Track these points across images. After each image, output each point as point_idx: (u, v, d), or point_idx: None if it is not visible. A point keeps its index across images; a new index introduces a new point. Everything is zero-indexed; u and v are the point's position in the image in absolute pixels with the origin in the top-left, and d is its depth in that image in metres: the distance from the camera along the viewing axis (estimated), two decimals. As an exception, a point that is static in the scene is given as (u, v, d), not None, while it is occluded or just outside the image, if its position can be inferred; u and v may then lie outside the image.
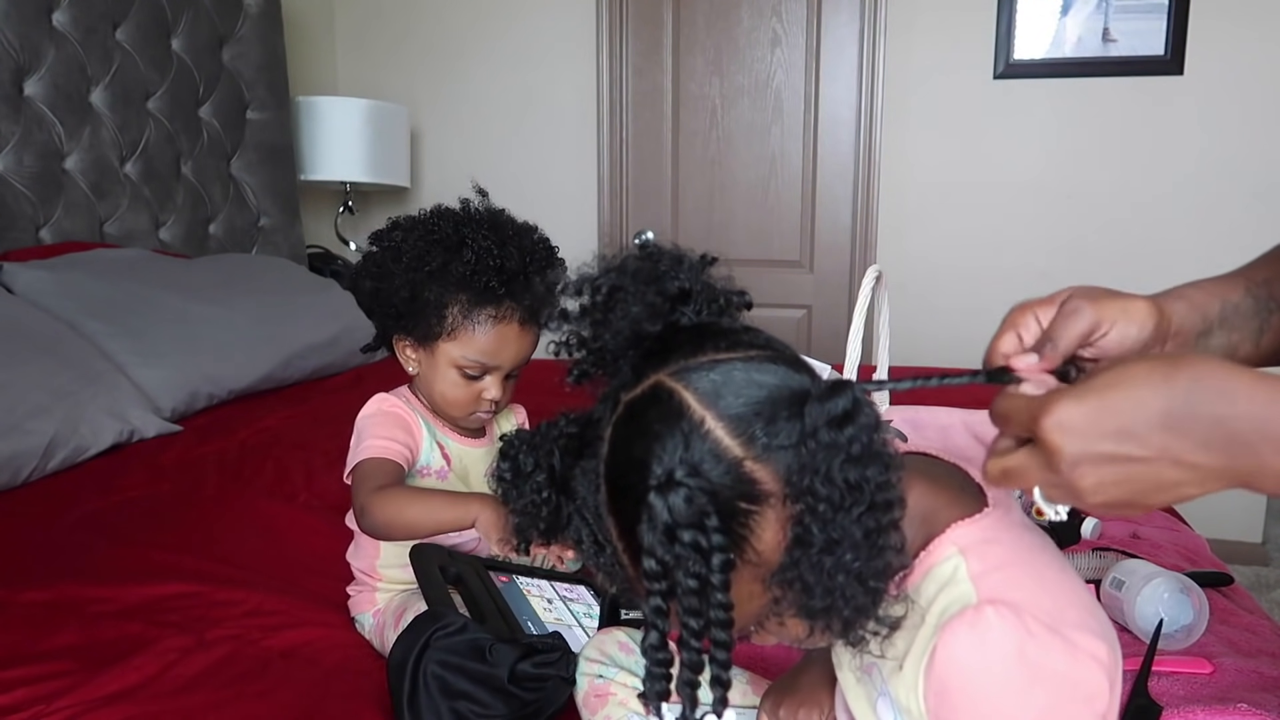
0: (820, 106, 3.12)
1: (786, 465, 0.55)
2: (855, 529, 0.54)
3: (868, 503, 0.54)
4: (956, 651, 0.56)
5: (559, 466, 0.63)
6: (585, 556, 0.63)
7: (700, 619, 0.54)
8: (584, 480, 0.62)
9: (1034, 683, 0.55)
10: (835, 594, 0.55)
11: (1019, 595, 0.57)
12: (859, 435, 0.54)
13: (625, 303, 0.61)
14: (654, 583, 0.54)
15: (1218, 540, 2.49)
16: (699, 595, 0.53)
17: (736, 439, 0.55)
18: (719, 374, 0.57)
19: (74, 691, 0.93)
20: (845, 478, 0.54)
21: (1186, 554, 1.32)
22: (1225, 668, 0.96)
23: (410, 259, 1.14)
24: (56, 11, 2.22)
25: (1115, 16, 2.83)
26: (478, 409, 1.20)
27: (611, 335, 0.61)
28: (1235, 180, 2.83)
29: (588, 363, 0.63)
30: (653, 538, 0.54)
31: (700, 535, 0.53)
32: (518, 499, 0.64)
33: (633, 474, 0.56)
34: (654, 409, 0.57)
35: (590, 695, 0.89)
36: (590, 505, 0.61)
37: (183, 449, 1.75)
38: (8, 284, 1.91)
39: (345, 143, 2.99)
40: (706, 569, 0.53)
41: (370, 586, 1.22)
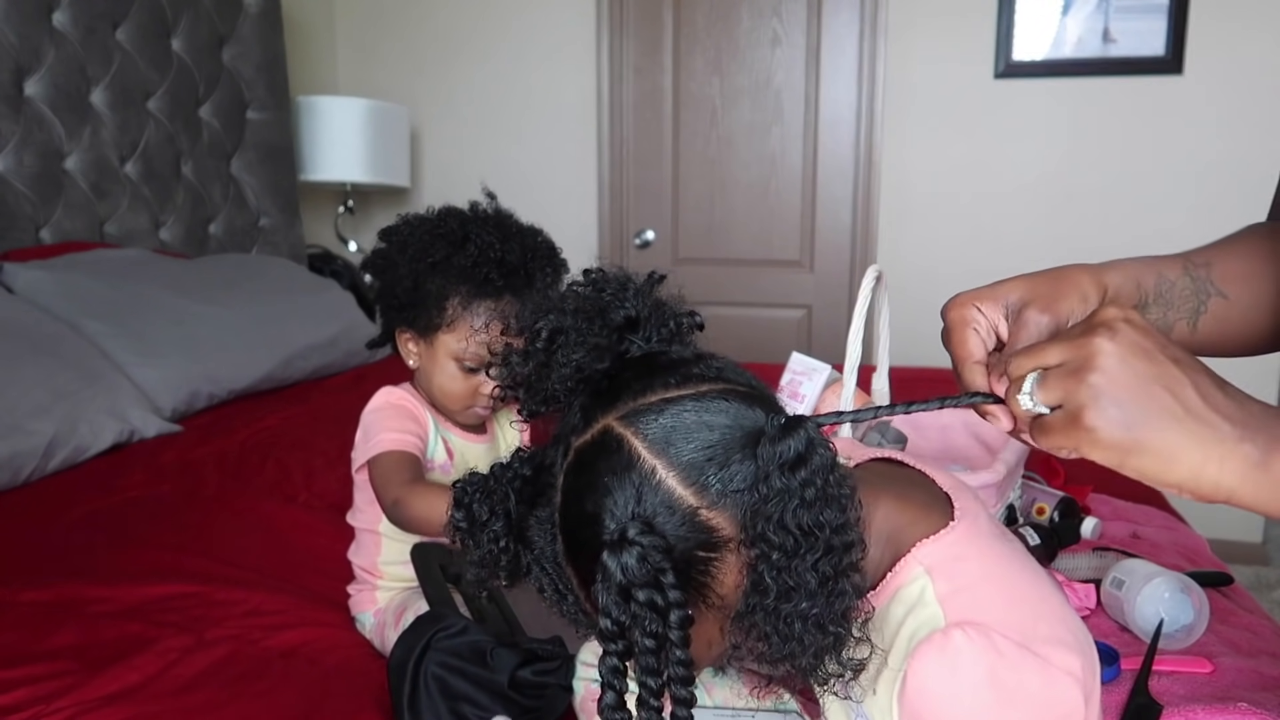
0: (820, 106, 3.12)
1: (742, 508, 0.54)
2: (810, 576, 0.53)
3: (823, 548, 0.53)
4: (927, 679, 0.55)
5: (514, 514, 0.62)
6: (548, 604, 0.62)
7: (658, 678, 0.53)
8: (540, 530, 0.61)
9: (1007, 705, 0.54)
10: (793, 640, 0.54)
11: (988, 615, 0.56)
12: (812, 479, 0.53)
13: (568, 346, 0.59)
14: (610, 643, 0.53)
15: (1218, 540, 2.49)
16: (656, 655, 0.52)
17: (689, 488, 0.54)
18: (669, 418, 0.55)
19: (74, 691, 0.93)
20: (799, 523, 0.52)
21: (1186, 554, 1.32)
22: (1225, 667, 0.96)
23: (415, 251, 1.17)
24: (56, 11, 2.22)
25: (1115, 16, 2.83)
26: (475, 404, 1.21)
27: (557, 378, 0.59)
28: (1235, 180, 2.83)
29: (535, 403, 0.62)
30: (608, 598, 0.53)
31: (656, 594, 0.52)
32: (475, 549, 0.62)
33: (586, 529, 0.55)
34: (604, 459, 0.56)
35: (587, 699, 0.89)
36: (549, 555, 0.60)
37: (183, 449, 1.75)
38: (8, 284, 1.91)
39: (345, 143, 2.99)
40: (664, 627, 0.52)
41: (371, 585, 1.22)
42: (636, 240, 3.33)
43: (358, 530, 1.26)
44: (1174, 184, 2.87)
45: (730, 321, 3.30)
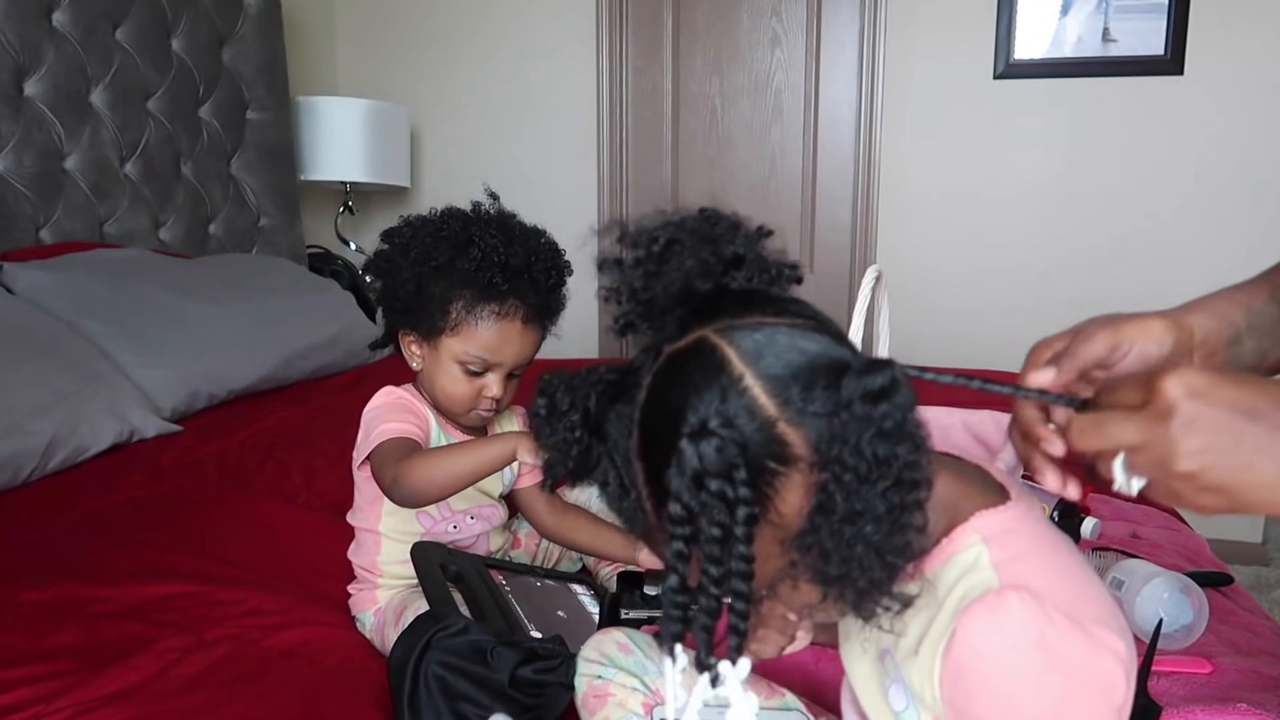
0: (820, 106, 3.12)
1: (818, 432, 0.56)
2: (879, 503, 0.55)
3: (894, 478, 0.55)
4: (976, 635, 0.56)
5: (594, 409, 0.63)
6: (609, 500, 0.64)
7: (720, 567, 0.54)
8: (617, 424, 0.62)
9: (1052, 670, 0.55)
10: (852, 563, 0.56)
11: (1041, 584, 0.57)
12: (893, 412, 0.54)
13: (680, 257, 0.62)
14: (678, 527, 0.55)
15: (1217, 540, 2.49)
16: (721, 544, 0.54)
17: (773, 399, 0.56)
18: (763, 335, 0.58)
19: (74, 691, 0.93)
20: (874, 451, 0.54)
21: (1186, 554, 1.32)
22: (1225, 668, 0.96)
23: (418, 254, 1.16)
24: (56, 11, 2.22)
25: (1115, 16, 2.83)
26: (478, 407, 1.20)
27: (662, 289, 0.62)
28: (1235, 180, 2.83)
29: (634, 314, 0.64)
30: (680, 483, 0.54)
31: (727, 486, 0.54)
32: (550, 435, 0.64)
33: (667, 421, 0.57)
34: (696, 361, 0.58)
35: (589, 696, 0.89)
36: (620, 449, 0.62)
37: (183, 449, 1.75)
38: (8, 284, 1.91)
39: (345, 143, 2.99)
40: (730, 519, 0.54)
41: (371, 584, 1.22)
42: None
43: (358, 530, 1.26)
44: (1174, 184, 2.87)
45: (730, 321, 3.30)
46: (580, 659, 0.91)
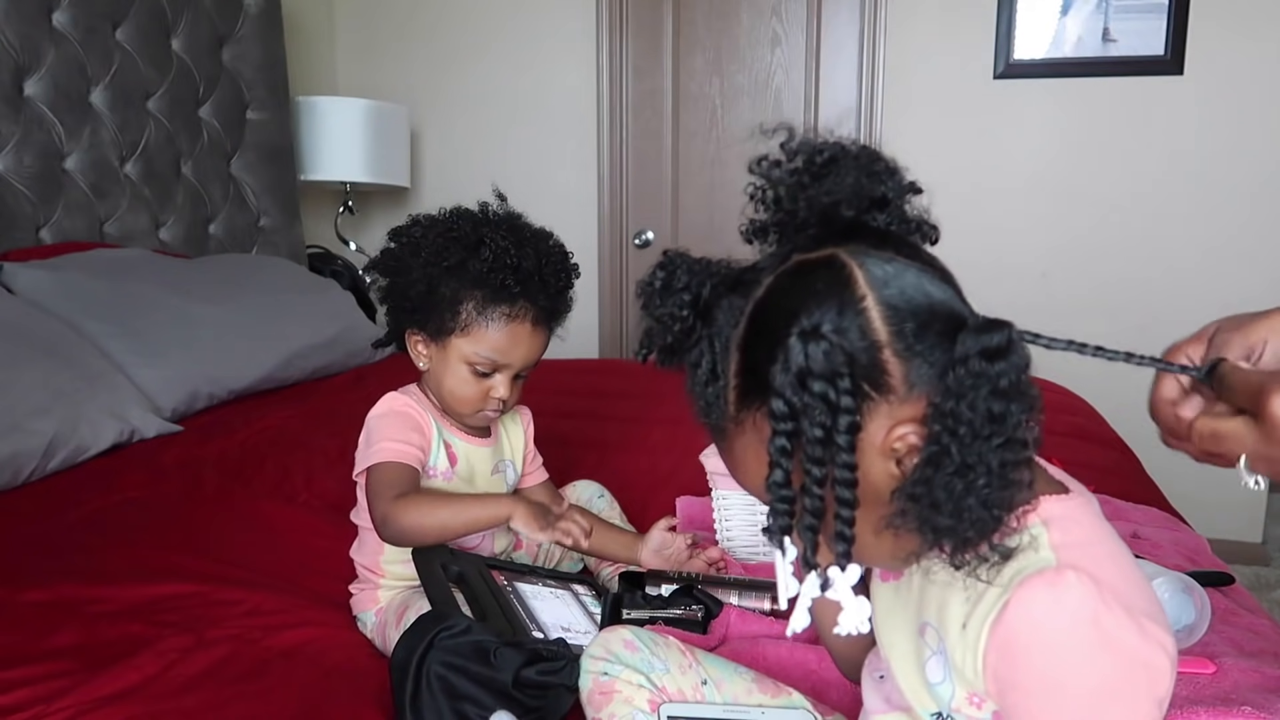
0: (820, 106, 3.12)
1: (920, 375, 0.57)
2: (992, 457, 0.56)
3: (1007, 436, 0.56)
4: (1031, 606, 0.57)
5: (708, 293, 0.64)
6: (695, 384, 0.64)
7: (822, 468, 0.56)
8: (727, 312, 0.63)
9: (1102, 650, 0.56)
10: (961, 515, 0.57)
11: (1098, 571, 0.58)
12: (1009, 371, 0.56)
13: (836, 177, 0.62)
14: (779, 422, 0.56)
15: (1218, 540, 2.49)
16: (823, 445, 0.55)
17: (887, 326, 0.57)
18: (893, 268, 0.59)
19: (74, 691, 0.92)
20: (989, 408, 0.55)
21: (1187, 554, 1.31)
22: (1228, 668, 0.96)
23: (429, 254, 1.16)
24: (56, 11, 2.21)
25: (1115, 16, 2.83)
26: (485, 407, 1.21)
27: (806, 203, 0.63)
28: (1235, 180, 2.83)
29: (770, 222, 0.65)
30: (785, 379, 0.56)
31: (830, 389, 0.55)
32: (658, 308, 0.65)
33: (779, 318, 0.58)
34: (823, 272, 0.59)
35: (595, 692, 0.89)
36: (723, 336, 0.63)
37: (183, 449, 1.75)
38: (8, 284, 1.91)
39: (345, 143, 2.99)
40: (832, 423, 0.55)
41: (373, 583, 1.22)
42: (636, 240, 3.33)
43: (361, 529, 1.26)
44: (1173, 184, 2.87)
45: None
46: (586, 656, 0.91)
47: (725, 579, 1.20)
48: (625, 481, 1.63)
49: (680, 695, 0.89)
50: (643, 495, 1.59)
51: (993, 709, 0.63)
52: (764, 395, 0.58)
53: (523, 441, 1.36)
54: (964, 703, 0.63)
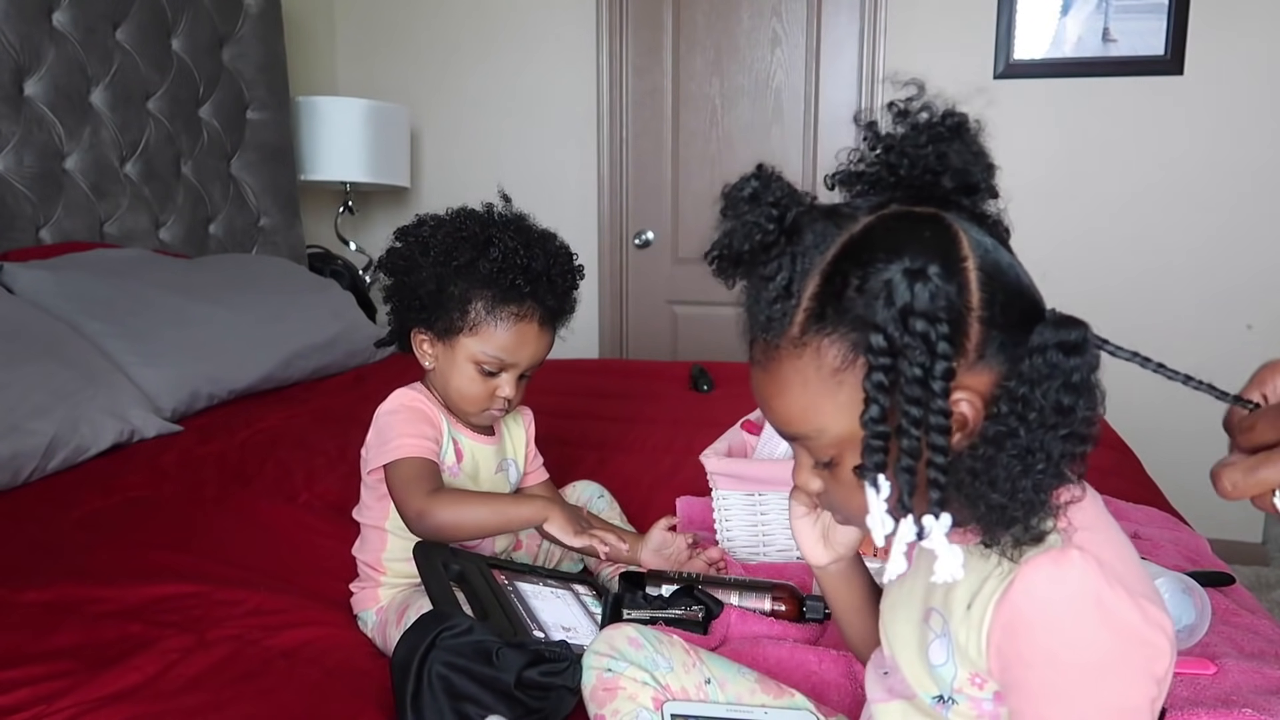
0: (820, 106, 3.12)
1: (991, 349, 0.58)
2: (1054, 447, 0.57)
3: (1071, 429, 0.57)
4: (1035, 584, 0.58)
5: (798, 213, 0.64)
6: (761, 299, 0.63)
7: (920, 409, 0.56)
8: (817, 235, 0.62)
9: (1103, 627, 0.57)
10: (1015, 495, 0.58)
11: (1101, 553, 0.59)
12: (1082, 367, 0.57)
13: (953, 146, 0.63)
14: (876, 357, 0.56)
15: (1218, 540, 2.49)
16: (921, 385, 0.56)
17: (980, 292, 0.58)
18: (990, 243, 0.61)
19: (75, 691, 0.92)
20: (1060, 399, 0.57)
21: (1188, 554, 1.31)
22: (1228, 669, 0.96)
23: (438, 254, 1.17)
24: (56, 11, 2.21)
25: (1115, 16, 2.83)
26: (491, 406, 1.21)
27: (912, 162, 0.63)
28: (1235, 180, 2.83)
29: (866, 173, 0.64)
30: (887, 314, 0.56)
31: (932, 330, 0.55)
32: (745, 213, 0.64)
33: (880, 254, 0.58)
34: (929, 224, 0.60)
35: (599, 689, 0.88)
36: (807, 257, 0.62)
37: (183, 449, 1.75)
38: (8, 284, 1.91)
39: (345, 143, 2.99)
40: (931, 362, 0.55)
41: (374, 581, 1.22)
42: (636, 240, 3.33)
43: (363, 526, 1.26)
44: (1173, 184, 2.87)
45: (730, 321, 3.26)
46: (590, 652, 0.91)
47: (726, 579, 1.20)
48: (625, 481, 1.63)
49: (684, 694, 0.89)
50: (643, 495, 1.59)
51: (994, 689, 0.63)
52: (834, 324, 0.59)
53: (524, 441, 1.36)
54: (966, 683, 0.64)
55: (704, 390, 2.40)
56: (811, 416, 0.63)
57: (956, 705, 0.65)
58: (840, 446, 0.63)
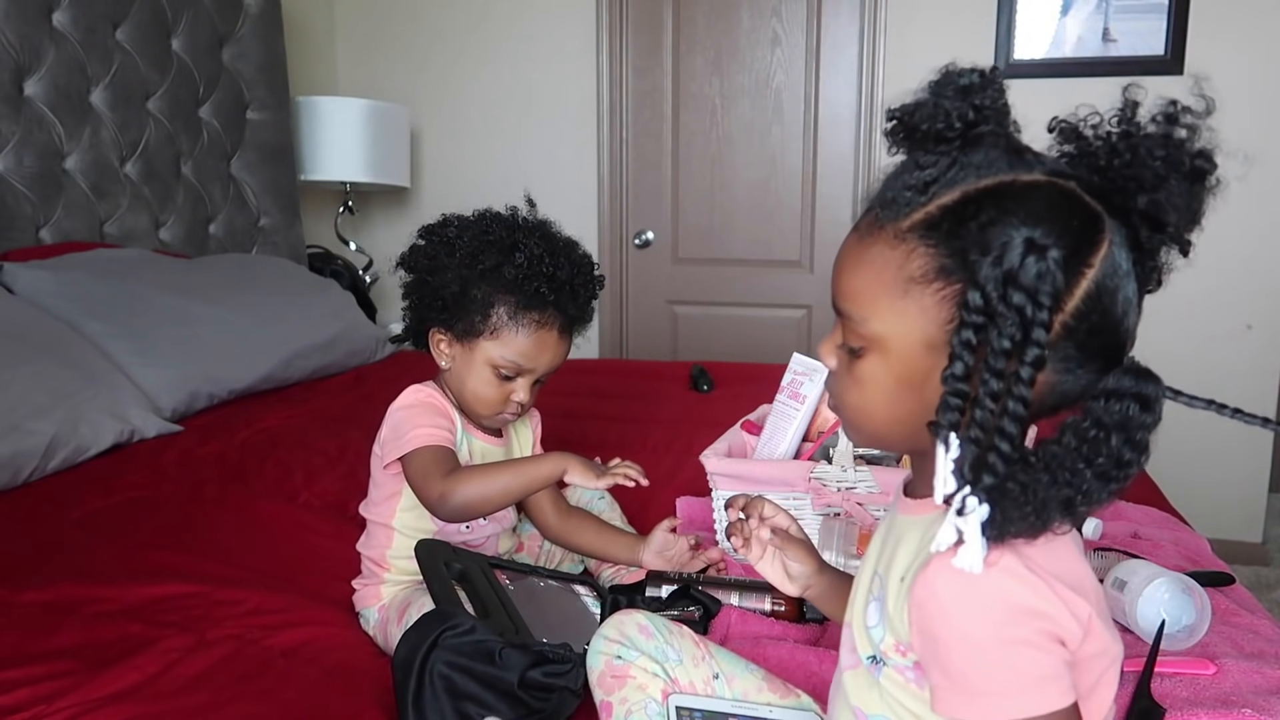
0: (820, 106, 3.12)
1: (1056, 363, 0.58)
2: (1096, 487, 0.57)
3: (1120, 483, 0.57)
4: (948, 559, 0.57)
5: (988, 130, 0.62)
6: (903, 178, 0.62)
7: (1001, 382, 0.55)
8: (991, 157, 0.61)
9: (995, 606, 0.57)
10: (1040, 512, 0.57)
11: (1025, 543, 0.59)
12: (1150, 425, 0.57)
13: (1181, 177, 0.61)
14: (970, 314, 0.56)
15: (1218, 540, 2.49)
16: (1008, 358, 0.55)
17: (1081, 304, 0.57)
18: (1125, 271, 0.59)
19: (75, 691, 0.92)
20: (1120, 454, 0.56)
21: (1188, 554, 1.31)
22: (1228, 669, 0.96)
23: (464, 255, 1.17)
24: (56, 11, 2.21)
25: (1115, 16, 2.84)
26: (505, 410, 1.22)
27: (1130, 161, 0.61)
28: (1234, 181, 2.82)
29: (1084, 143, 0.62)
30: (992, 271, 0.55)
31: (1029, 306, 0.54)
32: (949, 98, 0.61)
33: (1022, 210, 0.57)
34: (1084, 216, 0.58)
35: (607, 675, 0.88)
36: (964, 171, 0.60)
37: (183, 449, 1.75)
38: (8, 284, 1.91)
39: (345, 143, 2.99)
40: (1023, 340, 0.55)
41: (378, 578, 1.22)
42: (636, 240, 3.33)
43: (370, 522, 1.26)
44: (1174, 184, 2.87)
45: (730, 321, 3.30)
46: (599, 636, 0.91)
47: (725, 580, 1.20)
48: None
49: (691, 687, 0.89)
50: (643, 496, 1.59)
51: (914, 659, 0.63)
52: (939, 240, 0.58)
53: (531, 441, 1.36)
54: (891, 649, 0.64)
55: (704, 390, 2.41)
56: (867, 302, 0.62)
57: (885, 668, 0.66)
58: (872, 342, 0.63)
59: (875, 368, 0.63)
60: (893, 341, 0.61)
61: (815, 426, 1.42)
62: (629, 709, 0.86)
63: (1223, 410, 0.60)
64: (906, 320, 0.60)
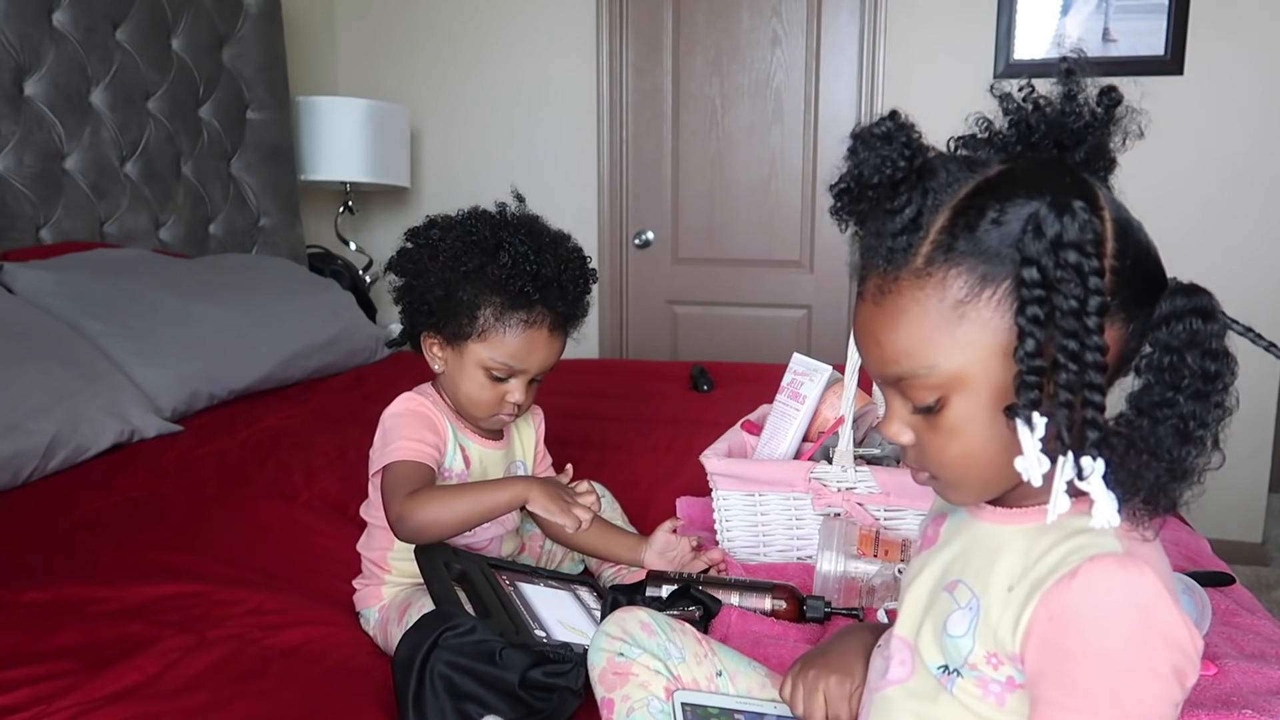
0: (820, 106, 3.12)
1: (1118, 304, 0.59)
2: (1208, 414, 0.58)
3: (1219, 397, 0.58)
4: (1099, 583, 0.58)
5: (929, 151, 0.63)
6: (884, 232, 0.62)
7: (1076, 341, 0.55)
8: (950, 172, 0.62)
9: (1152, 637, 0.58)
10: (1175, 464, 0.59)
11: (1161, 568, 0.60)
12: (1220, 332, 0.58)
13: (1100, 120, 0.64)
14: (1032, 290, 0.56)
15: (1218, 540, 2.49)
16: (1077, 317, 0.55)
17: (1115, 242, 0.59)
18: (1119, 202, 0.62)
19: (75, 691, 0.92)
20: (1205, 366, 0.58)
21: (1188, 554, 1.31)
22: (1229, 669, 0.96)
23: (447, 258, 1.16)
24: (56, 11, 2.21)
25: (1115, 16, 2.84)
26: (500, 411, 1.20)
27: (1050, 127, 0.63)
28: (1235, 180, 2.83)
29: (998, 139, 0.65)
30: (1038, 246, 0.56)
31: (1085, 262, 0.55)
32: (878, 148, 0.62)
33: (1021, 189, 0.59)
34: (1068, 174, 0.61)
35: (609, 672, 0.88)
36: (938, 193, 0.62)
37: (183, 449, 1.75)
38: (8, 284, 1.91)
39: (345, 143, 2.99)
40: (1085, 295, 0.55)
41: (378, 579, 1.22)
42: (636, 240, 3.33)
43: (370, 524, 1.25)
44: (1173, 184, 2.87)
45: (730, 321, 3.30)
46: (601, 633, 0.90)
47: (726, 580, 1.20)
48: (626, 482, 1.63)
49: (694, 685, 0.88)
50: (643, 495, 1.59)
51: (1009, 673, 0.63)
52: (964, 255, 0.59)
53: (534, 441, 1.35)
54: (981, 660, 0.64)
55: (704, 390, 2.41)
56: (925, 350, 0.61)
57: (961, 680, 0.65)
58: (948, 385, 0.62)
59: (964, 408, 0.62)
60: (970, 370, 0.60)
61: (815, 426, 1.42)
62: (631, 706, 0.85)
63: (1258, 341, 0.62)
64: (973, 342, 0.60)
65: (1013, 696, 0.64)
